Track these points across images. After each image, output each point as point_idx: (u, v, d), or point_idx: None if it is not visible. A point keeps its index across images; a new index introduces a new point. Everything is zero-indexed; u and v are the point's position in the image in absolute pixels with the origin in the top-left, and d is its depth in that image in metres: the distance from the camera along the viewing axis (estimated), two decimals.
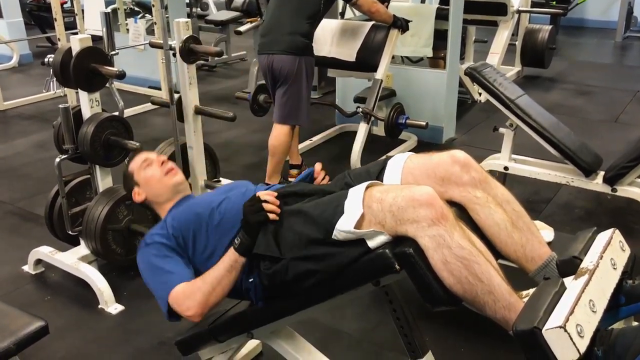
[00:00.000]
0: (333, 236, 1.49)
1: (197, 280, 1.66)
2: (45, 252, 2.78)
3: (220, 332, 1.84)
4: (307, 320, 2.29)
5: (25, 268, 2.87)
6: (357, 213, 1.47)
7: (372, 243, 1.47)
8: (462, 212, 1.63)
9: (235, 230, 1.66)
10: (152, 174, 1.95)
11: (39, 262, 2.84)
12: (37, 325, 1.68)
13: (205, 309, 1.65)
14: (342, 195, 1.54)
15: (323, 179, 1.90)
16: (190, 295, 1.63)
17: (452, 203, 1.63)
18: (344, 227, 1.47)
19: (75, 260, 2.69)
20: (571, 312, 1.26)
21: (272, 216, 1.59)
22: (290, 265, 1.56)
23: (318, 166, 1.91)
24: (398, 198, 1.44)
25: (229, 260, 1.62)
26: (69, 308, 2.60)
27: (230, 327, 1.83)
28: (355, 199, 1.50)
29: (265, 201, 1.60)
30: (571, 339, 1.22)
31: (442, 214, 1.41)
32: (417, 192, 1.44)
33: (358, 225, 1.46)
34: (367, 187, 1.52)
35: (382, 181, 1.69)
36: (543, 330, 1.24)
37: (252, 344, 2.19)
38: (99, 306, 2.57)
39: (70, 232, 2.73)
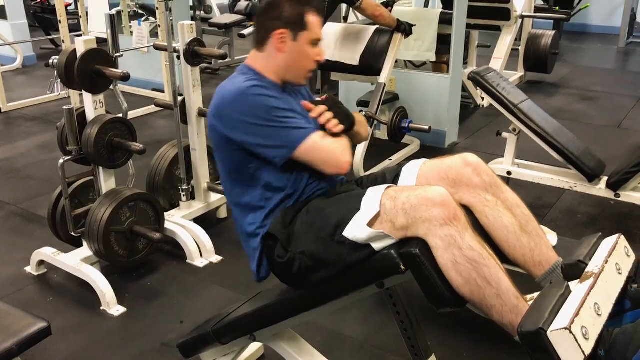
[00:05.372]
0: (344, 232, 1.50)
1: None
2: (47, 253, 2.78)
3: (222, 334, 1.84)
4: (309, 323, 2.28)
5: (28, 269, 2.86)
6: (372, 211, 1.48)
7: (377, 245, 1.47)
8: (470, 216, 1.62)
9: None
10: (311, 55, 1.75)
11: (41, 263, 2.84)
12: (39, 326, 1.68)
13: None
14: (361, 194, 1.56)
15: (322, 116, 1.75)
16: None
17: (461, 206, 1.63)
18: (357, 223, 1.48)
19: (77, 261, 2.69)
20: (577, 314, 1.26)
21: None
22: (297, 259, 1.58)
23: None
24: (412, 197, 1.45)
25: None
26: (71, 309, 2.60)
27: (233, 329, 1.83)
28: (373, 198, 1.51)
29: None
30: (576, 340, 1.22)
31: (455, 214, 1.41)
32: (430, 191, 1.45)
33: (371, 223, 1.47)
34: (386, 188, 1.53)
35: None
36: (548, 332, 1.24)
37: (254, 347, 2.18)
38: (101, 308, 2.57)
39: (73, 234, 2.72)
